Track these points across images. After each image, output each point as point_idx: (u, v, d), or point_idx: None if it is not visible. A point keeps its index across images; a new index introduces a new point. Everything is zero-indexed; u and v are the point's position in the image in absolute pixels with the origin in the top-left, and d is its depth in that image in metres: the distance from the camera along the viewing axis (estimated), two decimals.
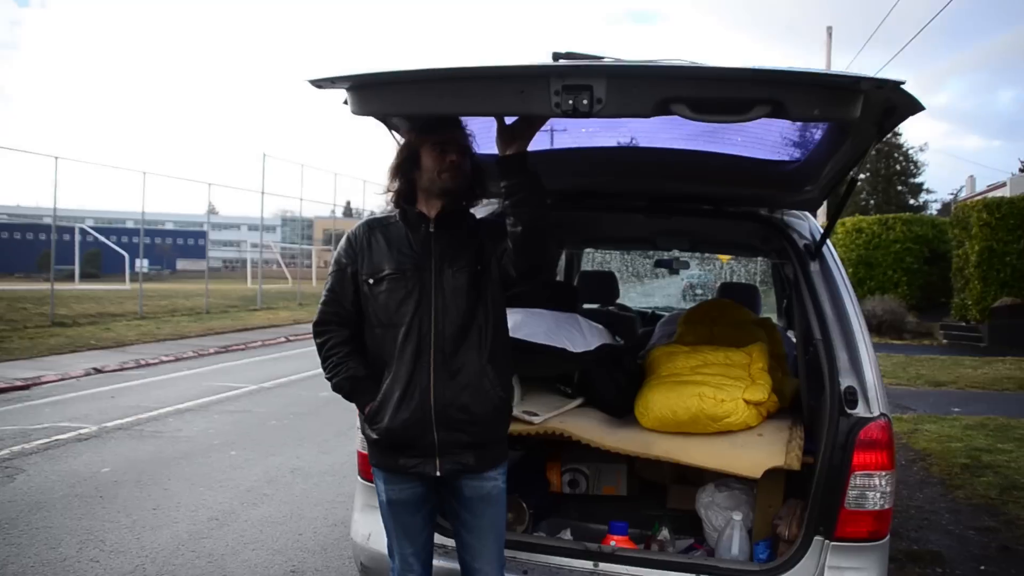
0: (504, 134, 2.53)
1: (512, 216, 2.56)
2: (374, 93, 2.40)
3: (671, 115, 2.11)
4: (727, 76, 2.08)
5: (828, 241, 3.32)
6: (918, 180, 46.25)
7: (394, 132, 2.91)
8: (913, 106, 2.22)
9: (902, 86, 2.00)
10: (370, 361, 2.72)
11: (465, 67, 2.19)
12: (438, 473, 2.66)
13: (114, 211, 64.51)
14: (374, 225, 2.78)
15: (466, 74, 2.24)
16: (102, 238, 46.09)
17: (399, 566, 2.83)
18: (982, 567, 4.90)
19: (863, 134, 2.50)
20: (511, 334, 3.32)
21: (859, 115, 2.08)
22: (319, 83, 2.32)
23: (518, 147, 2.52)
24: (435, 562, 2.92)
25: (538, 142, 3.30)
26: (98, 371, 12.30)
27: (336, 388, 2.74)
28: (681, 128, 3.02)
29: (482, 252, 2.69)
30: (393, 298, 2.65)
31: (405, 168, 2.69)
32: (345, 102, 2.45)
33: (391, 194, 2.73)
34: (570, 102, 2.11)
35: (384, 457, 2.74)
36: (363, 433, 2.79)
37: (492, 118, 2.53)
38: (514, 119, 2.51)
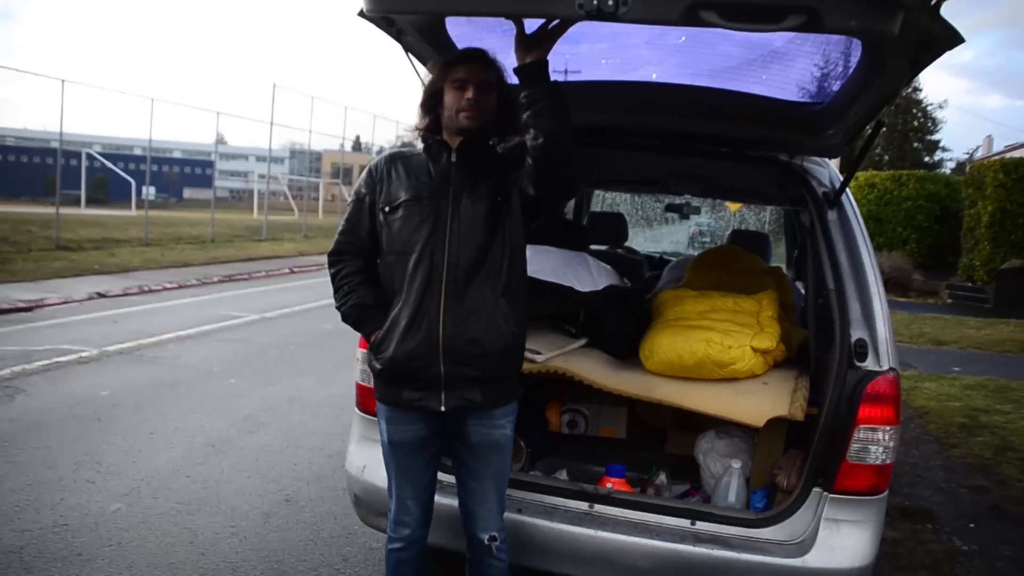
0: (523, 41, 2.41)
1: (533, 128, 2.43)
2: None
3: (700, 24, 2.00)
4: None
5: (847, 190, 3.22)
6: (935, 137, 45.69)
7: (410, 55, 2.80)
8: (952, 38, 2.11)
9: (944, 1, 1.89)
10: (383, 291, 2.67)
11: None
12: (443, 408, 2.58)
13: (122, 137, 64.24)
14: (396, 157, 2.73)
15: None
16: (109, 164, 45.82)
17: (395, 508, 2.79)
18: (971, 525, 4.91)
19: (895, 69, 2.38)
20: None
21: (897, 33, 1.97)
22: None
23: (538, 54, 2.40)
24: (436, 498, 2.88)
25: (552, 75, 3.20)
26: (101, 295, 12.29)
27: (344, 317, 2.70)
28: (703, 63, 2.91)
29: (504, 183, 2.58)
30: (407, 225, 2.58)
31: (430, 105, 2.63)
32: (360, 13, 2.35)
33: (418, 131, 2.69)
34: (594, 2, 2.00)
35: (388, 389, 2.67)
36: (368, 365, 2.73)
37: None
38: (535, 27, 2.39)
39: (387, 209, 2.63)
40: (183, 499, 4.56)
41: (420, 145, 2.70)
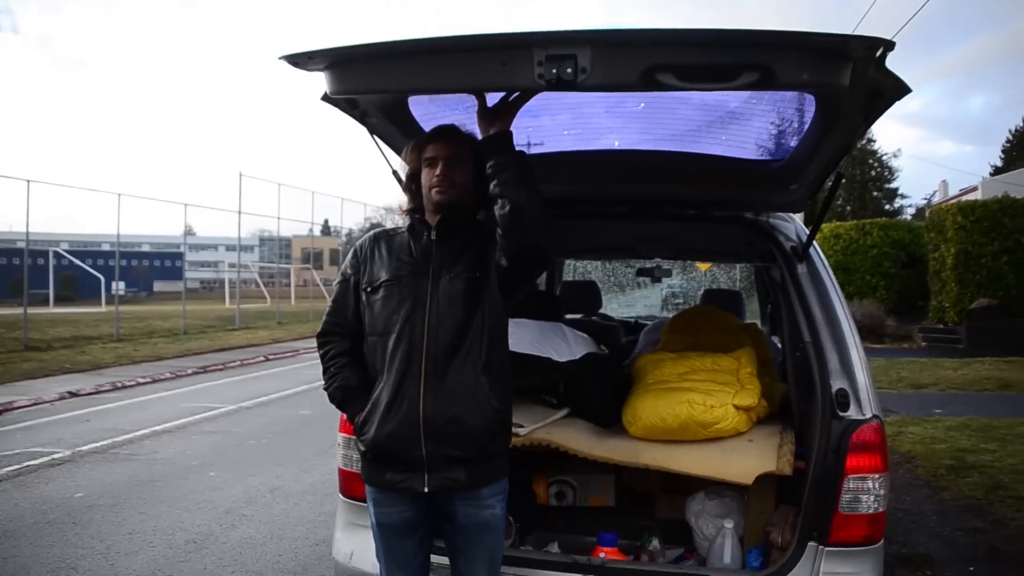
0: (485, 114, 2.45)
1: (500, 198, 2.42)
2: (351, 69, 2.32)
3: (658, 87, 2.06)
4: (714, 40, 2.03)
5: (814, 242, 3.27)
6: (893, 185, 46.89)
7: (375, 137, 2.84)
8: (899, 89, 2.19)
9: (891, 51, 1.96)
10: (368, 373, 2.65)
11: (444, 37, 2.14)
12: (426, 489, 2.51)
13: (89, 234, 63.95)
14: (380, 236, 2.76)
15: (446, 45, 2.18)
16: (77, 261, 45.54)
17: None
18: (971, 568, 4.87)
19: (849, 121, 2.46)
20: None
21: (847, 84, 2.03)
22: (294, 59, 2.23)
23: (501, 125, 2.43)
24: None
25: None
26: (73, 395, 12.08)
27: (330, 398, 2.69)
28: (663, 128, 2.97)
29: (483, 258, 2.58)
30: (387, 306, 2.58)
31: (411, 187, 2.69)
32: (324, 97, 2.39)
33: (404, 213, 2.74)
34: (554, 71, 2.05)
35: (371, 471, 2.63)
36: (357, 448, 2.71)
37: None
38: (496, 99, 2.44)
39: (368, 290, 2.64)
40: None
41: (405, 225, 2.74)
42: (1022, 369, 14.57)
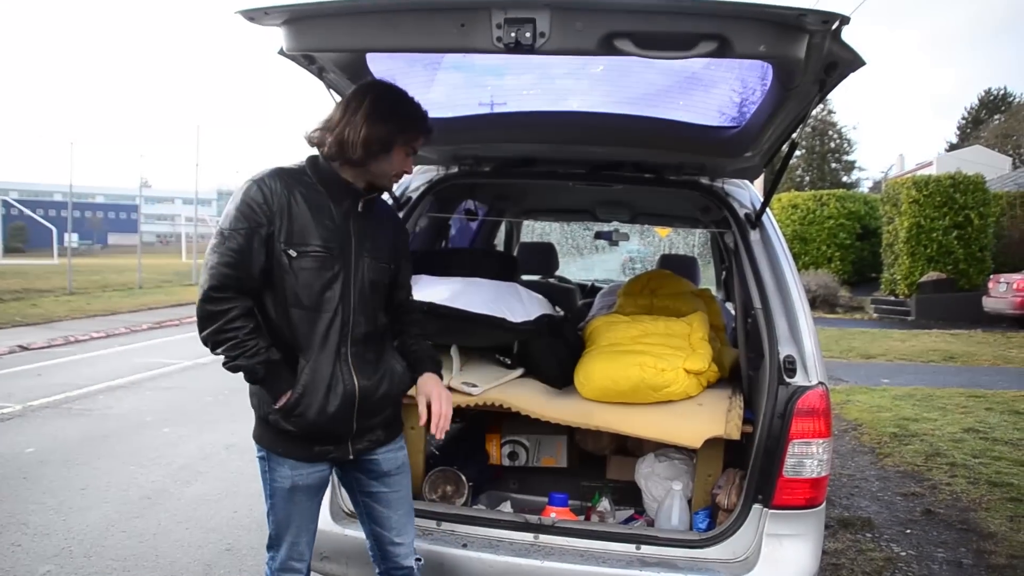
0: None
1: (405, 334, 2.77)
2: (308, 26, 2.28)
3: (616, 53, 2.07)
4: (674, 9, 2.05)
5: (768, 210, 3.32)
6: (851, 158, 47.45)
7: (332, 92, 2.81)
8: (854, 61, 2.22)
9: (846, 24, 1.99)
10: (277, 343, 2.45)
11: None
12: (351, 456, 2.59)
13: (41, 184, 62.36)
14: (290, 180, 2.43)
15: (404, 5, 2.18)
16: (27, 211, 44.45)
17: (286, 553, 2.61)
18: (908, 531, 5.06)
19: (804, 91, 2.49)
20: (450, 303, 3.26)
21: (803, 57, 2.07)
22: (250, 14, 2.19)
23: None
24: (425, 544, 2.93)
25: (478, 108, 3.25)
26: (24, 348, 11.87)
27: (245, 370, 2.40)
28: (624, 91, 2.98)
29: (395, 251, 2.65)
30: (318, 279, 2.42)
31: (373, 150, 2.41)
32: (280, 52, 2.35)
33: (327, 146, 2.42)
34: (512, 35, 2.05)
35: (297, 447, 2.52)
36: (266, 420, 2.54)
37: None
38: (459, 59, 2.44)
39: (294, 253, 2.39)
40: (118, 555, 4.40)
41: (296, 163, 2.51)
42: (966, 341, 15.02)
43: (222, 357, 2.42)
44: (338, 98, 2.77)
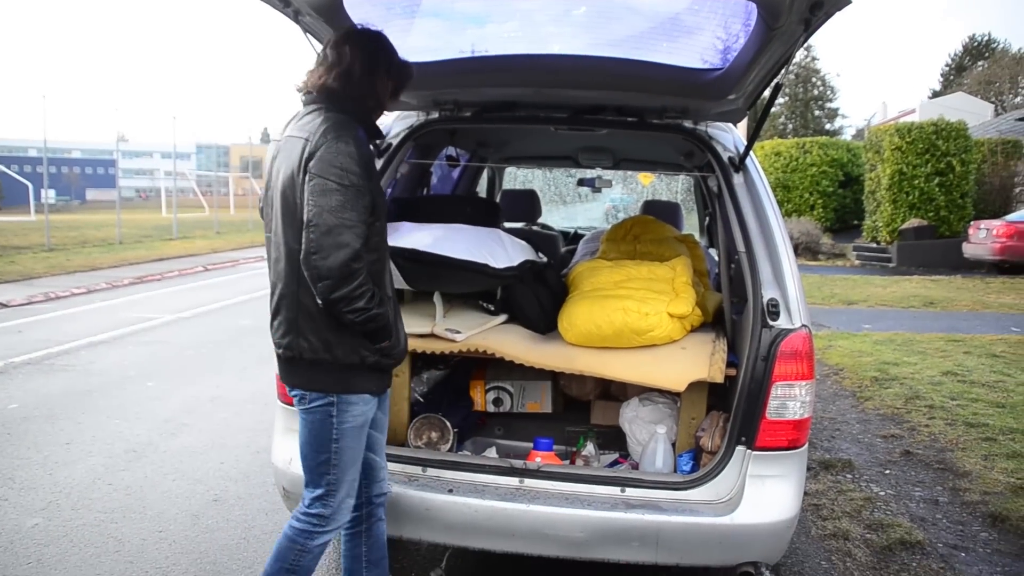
0: None
1: None
2: None
3: None
4: None
5: (752, 154, 3.30)
6: (834, 105, 47.30)
7: (309, 36, 2.75)
8: (839, 0, 2.18)
9: None
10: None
11: None
12: (395, 378, 2.88)
13: (14, 139, 61.27)
14: (353, 131, 2.49)
15: None
16: (2, 167, 43.72)
17: (344, 494, 2.69)
18: (887, 471, 5.15)
19: (789, 32, 2.45)
20: (432, 249, 3.25)
21: None
22: None
23: None
24: (411, 491, 3.00)
25: (458, 54, 3.18)
26: (3, 305, 11.75)
27: (379, 318, 2.49)
28: (605, 35, 2.93)
29: None
30: (382, 224, 2.60)
31: (371, 83, 2.57)
32: None
33: (344, 97, 2.54)
34: None
35: (378, 382, 2.70)
36: (355, 365, 2.58)
37: None
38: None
39: (375, 205, 2.51)
40: (105, 508, 4.41)
41: (337, 115, 2.50)
42: (946, 287, 15.18)
43: (347, 312, 2.44)
44: (315, 42, 2.72)
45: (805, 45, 2.61)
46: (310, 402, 2.60)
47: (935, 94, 47.41)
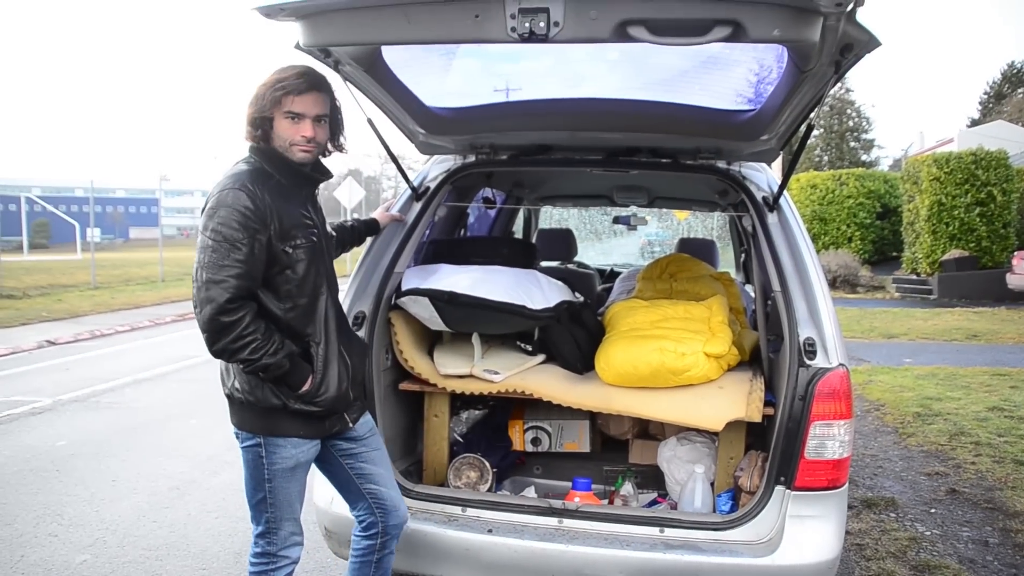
0: None
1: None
2: (324, 21, 2.33)
3: (630, 40, 2.08)
4: None
5: (785, 193, 3.32)
6: (870, 136, 46.87)
7: (349, 85, 2.84)
8: (870, 42, 2.21)
9: (860, 6, 1.99)
10: (284, 335, 2.56)
11: None
12: (351, 425, 2.81)
13: (61, 181, 62.91)
14: (261, 179, 2.50)
15: None
16: (50, 207, 44.88)
17: (289, 529, 2.77)
18: (932, 510, 5.04)
19: (820, 74, 2.48)
20: (470, 292, 3.30)
21: (818, 40, 2.07)
22: (266, 11, 2.23)
23: None
24: (451, 531, 3.03)
25: (494, 95, 3.26)
26: (51, 343, 12.04)
27: (272, 367, 2.48)
28: (639, 76, 2.98)
29: (323, 221, 2.81)
30: (312, 266, 2.60)
31: (260, 125, 2.53)
32: (297, 46, 2.39)
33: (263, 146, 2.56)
34: (526, 25, 2.08)
35: (315, 427, 2.69)
36: (275, 409, 2.60)
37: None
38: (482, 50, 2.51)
39: (290, 250, 2.51)
40: (150, 545, 4.49)
41: (244, 165, 2.53)
42: (990, 319, 14.87)
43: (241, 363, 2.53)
44: (354, 90, 2.82)
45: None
46: (243, 441, 2.70)
47: (973, 123, 46.79)
